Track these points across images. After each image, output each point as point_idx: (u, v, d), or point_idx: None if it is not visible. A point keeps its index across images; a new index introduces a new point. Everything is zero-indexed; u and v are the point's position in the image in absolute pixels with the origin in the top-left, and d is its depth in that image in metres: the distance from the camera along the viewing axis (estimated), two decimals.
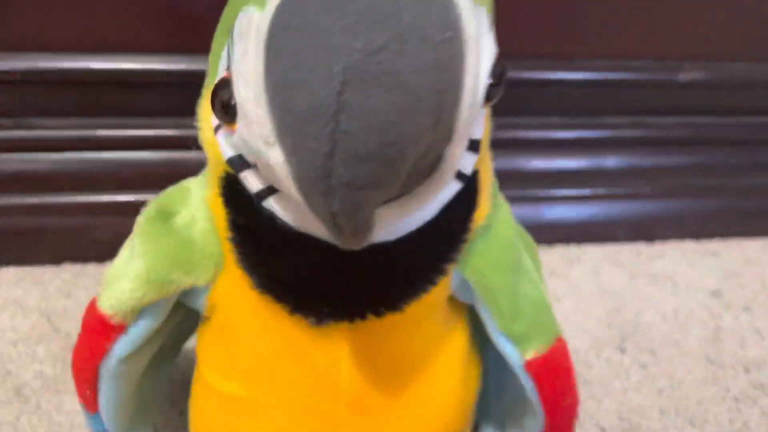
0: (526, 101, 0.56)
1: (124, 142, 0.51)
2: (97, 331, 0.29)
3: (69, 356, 0.45)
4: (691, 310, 0.54)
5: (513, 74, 0.54)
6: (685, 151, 0.60)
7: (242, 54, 0.21)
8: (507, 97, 0.48)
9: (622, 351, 0.50)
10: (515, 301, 0.29)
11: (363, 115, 0.18)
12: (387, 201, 0.23)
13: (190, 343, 0.46)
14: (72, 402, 0.42)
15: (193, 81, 0.50)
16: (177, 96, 0.51)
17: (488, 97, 0.23)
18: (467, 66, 0.20)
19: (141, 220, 0.29)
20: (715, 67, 0.57)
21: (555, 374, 0.31)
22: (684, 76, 0.56)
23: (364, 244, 0.20)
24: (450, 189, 0.25)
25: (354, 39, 0.18)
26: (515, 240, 0.30)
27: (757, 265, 0.60)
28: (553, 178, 0.59)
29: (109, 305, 0.28)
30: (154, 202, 0.30)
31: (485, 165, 0.27)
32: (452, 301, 0.30)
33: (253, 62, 0.20)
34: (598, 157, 0.59)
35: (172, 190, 0.30)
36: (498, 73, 0.23)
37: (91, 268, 0.52)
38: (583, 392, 0.47)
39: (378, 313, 0.26)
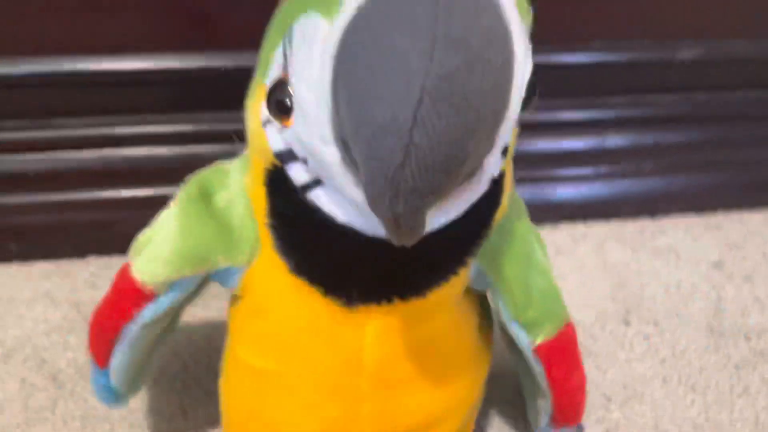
0: None
1: (142, 138, 0.53)
2: (129, 297, 0.31)
3: None
4: (694, 282, 0.56)
5: None
6: (685, 127, 0.62)
7: (306, 60, 0.23)
8: None
9: (627, 323, 0.52)
10: (527, 291, 0.32)
11: (435, 132, 0.19)
12: None
13: (208, 330, 0.49)
14: None
15: (205, 77, 0.52)
16: (190, 92, 0.53)
17: (522, 108, 0.25)
18: (515, 86, 0.22)
19: (183, 198, 0.31)
20: (712, 44, 0.58)
21: (561, 357, 0.33)
22: (682, 55, 0.58)
23: (416, 241, 0.22)
24: (482, 189, 0.26)
25: (430, 62, 0.19)
26: (529, 235, 0.32)
27: (759, 236, 0.62)
28: (558, 158, 0.61)
29: (146, 276, 0.30)
30: (195, 181, 0.31)
31: (509, 166, 0.29)
32: (467, 288, 0.32)
33: (318, 70, 0.22)
34: (601, 136, 0.61)
35: (211, 171, 0.32)
36: (531, 84, 0.25)
37: (115, 260, 0.54)
38: (588, 363, 0.49)
39: (404, 298, 0.28)
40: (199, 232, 0.30)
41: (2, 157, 0.52)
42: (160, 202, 0.55)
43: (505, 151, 0.27)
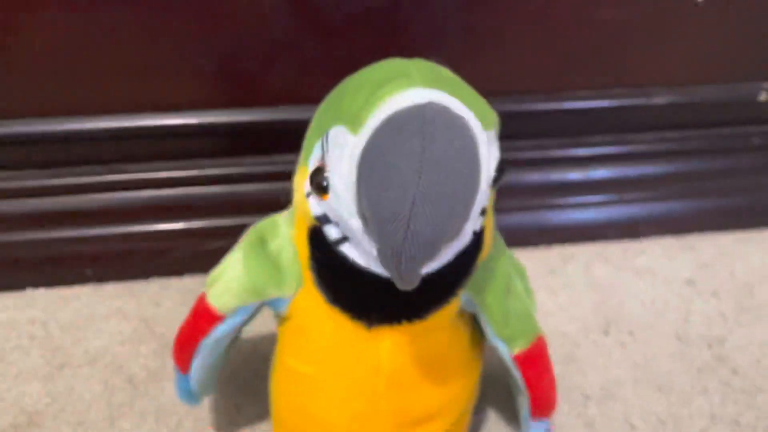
0: (525, 127, 0.67)
1: (195, 179, 0.63)
2: (205, 318, 0.41)
3: (166, 352, 0.58)
4: (667, 297, 0.65)
5: (513, 107, 0.65)
6: (661, 161, 0.70)
7: (338, 159, 0.32)
8: (509, 125, 0.60)
9: (606, 334, 0.61)
10: (506, 313, 0.41)
11: (424, 221, 0.29)
12: None
13: (254, 342, 0.59)
14: (172, 387, 0.55)
15: (246, 129, 0.62)
16: (235, 141, 0.63)
17: (493, 183, 0.34)
18: (482, 180, 0.31)
19: (244, 243, 0.41)
20: (681, 90, 0.67)
21: (534, 363, 0.43)
22: (656, 100, 0.67)
23: (414, 287, 0.31)
24: (465, 242, 0.36)
25: (419, 178, 0.29)
26: (508, 270, 0.42)
27: (728, 256, 0.70)
28: (551, 189, 0.70)
29: (219, 304, 0.40)
30: (254, 231, 0.41)
31: (489, 220, 0.38)
32: (460, 310, 0.42)
33: (347, 169, 0.32)
34: (588, 169, 0.70)
35: (265, 223, 0.41)
36: (499, 168, 0.34)
37: (174, 281, 0.65)
38: (571, 367, 0.58)
39: (410, 320, 0.38)
40: (257, 271, 0.39)
41: (80, 197, 0.62)
42: (210, 233, 0.66)
43: (483, 212, 0.36)
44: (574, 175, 0.70)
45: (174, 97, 0.60)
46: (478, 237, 0.37)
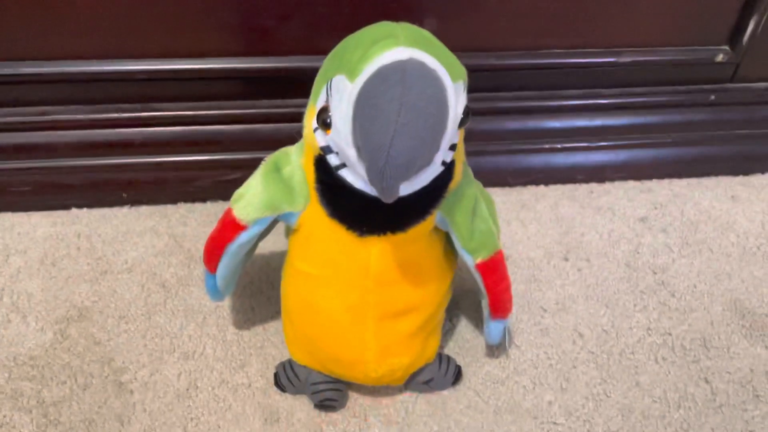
0: (506, 81, 0.76)
1: (217, 118, 0.73)
2: (231, 228, 0.51)
3: (192, 263, 0.68)
4: (622, 231, 0.75)
5: (496, 62, 0.74)
6: (626, 113, 0.80)
7: (338, 101, 0.42)
8: (492, 78, 0.70)
9: (566, 260, 0.72)
10: (471, 230, 0.51)
11: (401, 150, 0.38)
12: None
13: (266, 258, 0.69)
14: (198, 291, 0.66)
15: (263, 75, 0.71)
16: (253, 85, 0.73)
17: (460, 125, 0.44)
18: (449, 121, 0.41)
19: (263, 168, 0.50)
20: (646, 51, 0.76)
21: (493, 271, 0.53)
22: (623, 59, 0.76)
23: (394, 199, 0.40)
24: (437, 170, 0.45)
25: (398, 117, 0.38)
26: (475, 195, 0.51)
27: (680, 199, 0.80)
28: (526, 135, 0.80)
29: (242, 216, 0.50)
30: (271, 159, 0.51)
31: (459, 154, 0.48)
32: (435, 228, 0.52)
33: (345, 109, 0.41)
34: (560, 119, 0.79)
35: (280, 153, 0.51)
36: (465, 112, 0.44)
37: (198, 206, 0.75)
38: (533, 286, 0.69)
39: (393, 232, 0.48)
40: (274, 190, 0.49)
41: (119, 130, 0.72)
42: (230, 166, 0.76)
43: (453, 147, 0.46)
44: (549, 124, 0.79)
45: (201, 46, 0.69)
46: (448, 168, 0.47)
